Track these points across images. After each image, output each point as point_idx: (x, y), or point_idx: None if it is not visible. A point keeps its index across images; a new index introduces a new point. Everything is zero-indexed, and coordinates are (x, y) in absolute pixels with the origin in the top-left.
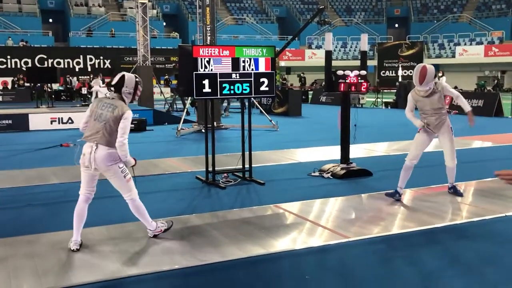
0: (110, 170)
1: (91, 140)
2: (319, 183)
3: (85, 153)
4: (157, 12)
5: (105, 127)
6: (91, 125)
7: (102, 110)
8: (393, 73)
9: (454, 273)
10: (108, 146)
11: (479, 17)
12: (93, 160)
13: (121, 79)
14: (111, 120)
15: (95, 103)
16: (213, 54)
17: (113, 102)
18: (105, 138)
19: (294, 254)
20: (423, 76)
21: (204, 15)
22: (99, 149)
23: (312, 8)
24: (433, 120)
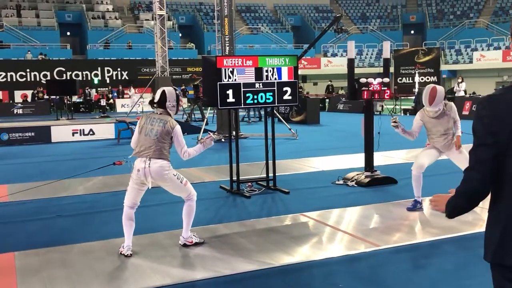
0: (167, 180)
1: (143, 155)
2: (344, 192)
3: (139, 169)
4: (173, 23)
5: (157, 141)
6: (141, 140)
7: (152, 125)
8: (410, 80)
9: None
10: (161, 158)
11: (496, 22)
12: (149, 173)
13: (162, 95)
14: (163, 134)
15: (144, 119)
16: (237, 64)
17: (161, 117)
18: (157, 152)
19: (325, 263)
20: (432, 97)
21: (222, 26)
22: (153, 162)
23: (326, 16)
24: (441, 140)
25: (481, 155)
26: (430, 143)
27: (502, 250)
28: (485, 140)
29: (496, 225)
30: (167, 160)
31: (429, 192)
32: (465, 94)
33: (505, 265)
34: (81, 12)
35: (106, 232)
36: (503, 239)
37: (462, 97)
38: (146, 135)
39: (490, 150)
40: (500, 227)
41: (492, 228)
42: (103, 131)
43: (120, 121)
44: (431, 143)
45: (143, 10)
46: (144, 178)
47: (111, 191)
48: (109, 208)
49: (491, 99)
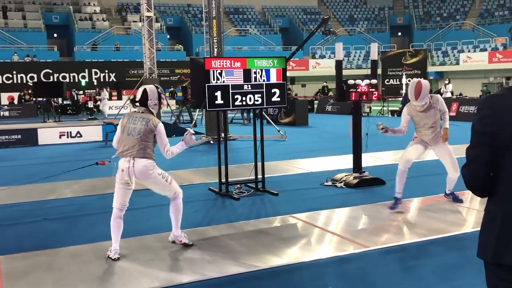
0: (151, 179)
1: (127, 155)
2: (332, 193)
3: (123, 169)
4: (160, 25)
5: (140, 140)
6: (124, 140)
7: (134, 124)
8: (397, 81)
9: (479, 280)
10: (144, 157)
11: (482, 24)
12: (133, 173)
13: (144, 93)
14: (146, 132)
15: (126, 119)
16: (225, 66)
17: (143, 116)
18: (141, 151)
19: (314, 264)
20: (418, 92)
21: (210, 27)
22: (137, 162)
23: (314, 18)
24: (429, 133)
25: (477, 154)
26: (418, 136)
27: (500, 250)
28: (483, 139)
29: (493, 224)
30: (152, 159)
31: (423, 192)
32: (452, 95)
33: (503, 264)
34: (68, 14)
35: (94, 235)
36: (500, 238)
37: (449, 98)
38: (129, 134)
39: (486, 150)
40: (497, 226)
41: (489, 227)
42: (91, 133)
43: (108, 123)
44: (419, 136)
45: (131, 11)
46: (128, 178)
47: (99, 194)
48: (96, 211)
49: (492, 99)
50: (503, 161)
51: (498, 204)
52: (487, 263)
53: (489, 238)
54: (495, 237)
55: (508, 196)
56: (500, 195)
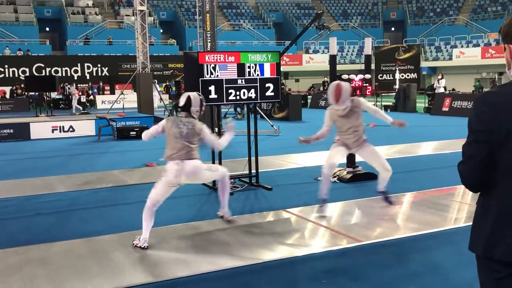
0: (202, 176)
1: (176, 158)
2: None
3: (173, 171)
4: (153, 19)
5: (187, 143)
6: (171, 144)
7: (180, 128)
8: (390, 77)
9: (471, 274)
10: (191, 159)
11: (475, 20)
12: (182, 174)
13: (188, 100)
14: (192, 136)
15: (170, 123)
16: (219, 60)
17: (187, 120)
18: (189, 153)
19: (308, 259)
20: (338, 94)
21: (204, 22)
22: (185, 164)
23: (308, 13)
24: (351, 137)
25: (473, 151)
26: (341, 140)
27: (491, 244)
28: (479, 137)
29: (486, 218)
30: (198, 159)
31: (416, 187)
32: (445, 91)
33: (494, 259)
34: (61, 8)
35: (87, 230)
36: (492, 233)
37: (442, 94)
38: (177, 138)
39: (483, 147)
40: (490, 220)
41: (482, 222)
42: (84, 128)
43: (101, 118)
44: (341, 139)
45: (124, 5)
46: (177, 180)
47: (92, 188)
48: (90, 206)
49: (489, 95)
50: (498, 157)
51: (491, 199)
52: (478, 257)
53: (481, 232)
54: (487, 231)
55: (501, 191)
56: (494, 190)
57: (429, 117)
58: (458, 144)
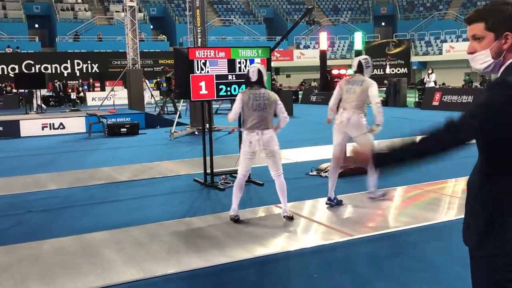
0: (274, 149)
1: (256, 128)
2: (317, 182)
3: (252, 141)
4: (144, 15)
5: (266, 114)
6: (250, 115)
7: (258, 100)
8: (381, 71)
9: (460, 268)
10: (270, 128)
11: (464, 14)
12: (262, 143)
13: (260, 74)
14: (270, 106)
15: (246, 95)
16: (209, 56)
17: (263, 92)
18: (267, 123)
19: (300, 254)
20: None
21: (194, 17)
22: (264, 133)
23: (299, 8)
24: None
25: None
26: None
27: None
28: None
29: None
30: (273, 129)
31: (405, 181)
32: (435, 85)
33: None
34: (50, 4)
35: (78, 227)
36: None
37: (432, 88)
38: (255, 110)
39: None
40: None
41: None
42: (74, 125)
43: (91, 115)
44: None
45: (113, 1)
46: (258, 149)
47: (83, 186)
48: (81, 203)
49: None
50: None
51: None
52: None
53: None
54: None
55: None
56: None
57: (419, 111)
58: None
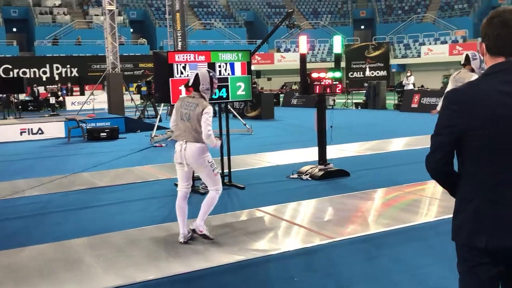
0: (199, 164)
1: (180, 138)
2: (298, 185)
3: (176, 151)
4: (123, 18)
5: (191, 125)
6: (178, 124)
7: (186, 109)
8: (361, 74)
9: (441, 267)
10: (196, 142)
11: (442, 17)
12: (184, 157)
13: (196, 78)
14: (196, 117)
15: (179, 102)
16: (189, 60)
17: (194, 100)
18: (192, 135)
19: (281, 257)
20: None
21: (174, 21)
22: (188, 146)
23: (279, 11)
24: None
25: (439, 143)
26: None
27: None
28: (444, 130)
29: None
30: (204, 143)
31: (383, 183)
32: (414, 87)
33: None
34: (28, 8)
35: (57, 233)
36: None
37: (411, 90)
38: (182, 119)
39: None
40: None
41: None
42: (53, 130)
43: (70, 119)
44: None
45: (93, 5)
46: (181, 160)
47: (62, 192)
48: (60, 209)
49: (458, 93)
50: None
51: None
52: (461, 246)
53: (463, 221)
54: (470, 220)
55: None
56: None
57: (398, 113)
58: (428, 140)
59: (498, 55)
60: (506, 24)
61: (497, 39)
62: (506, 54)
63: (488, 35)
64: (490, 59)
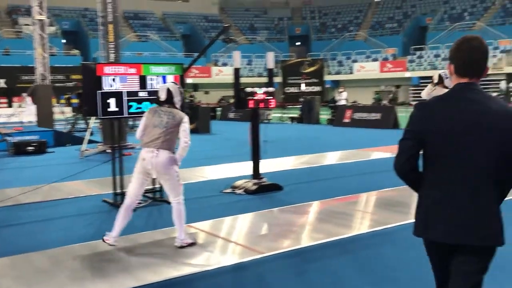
0: (168, 174)
1: (151, 146)
2: (232, 200)
3: (145, 158)
4: (56, 28)
5: (166, 132)
6: (150, 132)
7: (161, 117)
8: (297, 89)
9: (367, 281)
10: (168, 150)
11: (373, 35)
12: (155, 164)
13: (169, 93)
14: (174, 125)
15: (151, 114)
16: (119, 72)
17: (169, 110)
18: (166, 143)
19: (210, 274)
20: None
21: (107, 32)
22: (160, 153)
23: (216, 26)
24: None
25: (404, 146)
26: None
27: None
28: (408, 134)
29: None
30: (174, 154)
31: (317, 196)
32: (347, 103)
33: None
34: None
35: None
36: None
37: (344, 106)
38: (156, 126)
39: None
40: (423, 207)
41: (419, 209)
42: None
43: None
44: None
45: (22, 14)
46: (150, 168)
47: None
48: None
49: (421, 105)
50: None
51: (425, 189)
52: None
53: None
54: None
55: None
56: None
57: (331, 128)
58: (361, 154)
59: (463, 76)
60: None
61: (464, 63)
62: (469, 75)
63: (456, 58)
64: (456, 79)
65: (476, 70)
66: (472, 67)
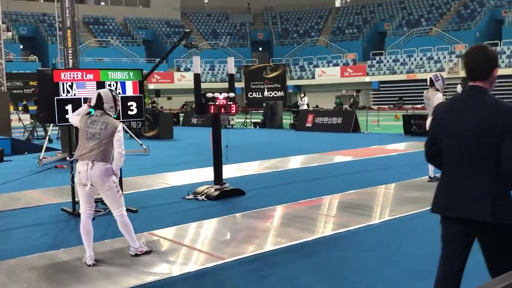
0: (105, 186)
1: (85, 158)
2: (193, 206)
3: (80, 171)
4: (12, 34)
5: (99, 144)
6: (83, 143)
7: (93, 128)
8: (259, 94)
9: (326, 284)
10: (103, 161)
11: (334, 41)
12: (90, 177)
13: (99, 98)
14: (106, 136)
15: (83, 122)
16: (76, 78)
17: (102, 119)
18: (100, 155)
19: (171, 282)
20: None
21: (65, 38)
22: (95, 166)
23: (178, 31)
24: None
25: (426, 140)
26: None
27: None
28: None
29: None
30: (110, 164)
31: (280, 200)
32: (308, 107)
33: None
34: None
35: None
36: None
37: (306, 110)
38: (88, 138)
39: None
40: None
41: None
42: None
43: None
44: None
45: None
46: (85, 181)
47: None
48: None
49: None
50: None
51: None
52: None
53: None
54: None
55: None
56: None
57: (294, 132)
58: (323, 158)
59: (471, 80)
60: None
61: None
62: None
63: (464, 65)
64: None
65: (479, 75)
66: (475, 72)
